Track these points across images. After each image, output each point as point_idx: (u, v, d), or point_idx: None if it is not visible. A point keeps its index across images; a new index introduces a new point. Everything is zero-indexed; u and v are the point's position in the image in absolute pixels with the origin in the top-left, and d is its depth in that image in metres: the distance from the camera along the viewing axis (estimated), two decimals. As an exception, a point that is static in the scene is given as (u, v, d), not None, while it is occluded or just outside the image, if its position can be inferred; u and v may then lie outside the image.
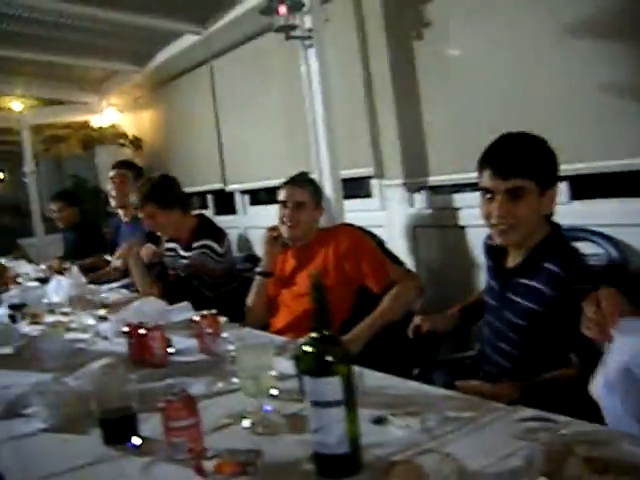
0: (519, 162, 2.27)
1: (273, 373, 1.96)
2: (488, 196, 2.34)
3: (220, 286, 4.07)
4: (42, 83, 8.46)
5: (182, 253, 4.23)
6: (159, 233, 4.43)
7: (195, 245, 4.06)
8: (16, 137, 9.18)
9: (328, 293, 1.53)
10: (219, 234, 4.21)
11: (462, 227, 4.07)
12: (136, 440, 1.83)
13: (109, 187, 5.45)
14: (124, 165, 5.67)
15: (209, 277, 4.00)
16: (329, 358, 1.48)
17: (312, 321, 1.54)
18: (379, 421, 1.80)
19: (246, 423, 1.87)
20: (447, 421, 1.76)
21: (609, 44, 3.13)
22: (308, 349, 1.52)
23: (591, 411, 1.70)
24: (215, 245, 4.06)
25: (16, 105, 8.93)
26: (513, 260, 2.44)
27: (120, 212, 5.64)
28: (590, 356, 1.84)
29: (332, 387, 1.46)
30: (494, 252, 2.55)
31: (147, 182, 4.35)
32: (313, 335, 1.53)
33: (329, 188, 4.31)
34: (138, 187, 4.34)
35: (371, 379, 2.10)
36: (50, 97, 8.94)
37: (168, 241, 4.41)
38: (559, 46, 3.32)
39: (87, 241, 6.39)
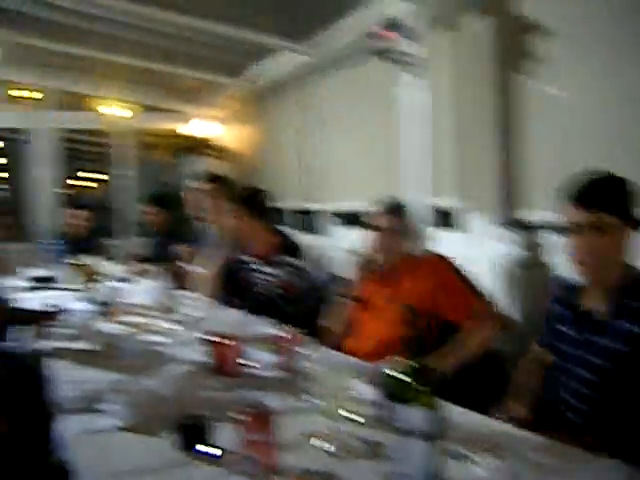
0: (603, 196, 2.27)
1: (352, 396, 1.93)
2: (573, 232, 2.30)
3: (299, 303, 4.04)
4: (140, 89, 8.66)
5: (263, 269, 4.21)
6: (236, 239, 4.38)
7: (277, 260, 4.04)
8: (111, 140, 9.40)
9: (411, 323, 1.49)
10: (299, 251, 4.19)
11: (551, 268, 3.96)
12: (208, 449, 1.82)
13: (196, 198, 5.46)
14: (208, 177, 5.67)
15: (291, 294, 3.98)
16: (419, 387, 1.44)
17: (404, 348, 1.50)
18: (459, 457, 1.74)
19: (321, 444, 1.83)
20: (532, 467, 1.70)
21: None
22: (398, 376, 1.48)
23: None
24: (297, 262, 4.05)
25: (114, 110, 9.17)
26: (593, 300, 2.38)
27: (200, 223, 5.67)
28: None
29: (419, 417, 1.42)
30: (568, 296, 2.49)
31: (240, 189, 4.35)
32: (404, 362, 1.49)
33: (417, 217, 4.26)
34: (230, 192, 4.33)
35: (453, 414, 2.04)
36: (147, 104, 9.13)
37: (242, 254, 4.40)
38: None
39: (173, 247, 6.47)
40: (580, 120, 3.72)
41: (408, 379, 1.47)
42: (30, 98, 9.03)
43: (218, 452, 1.80)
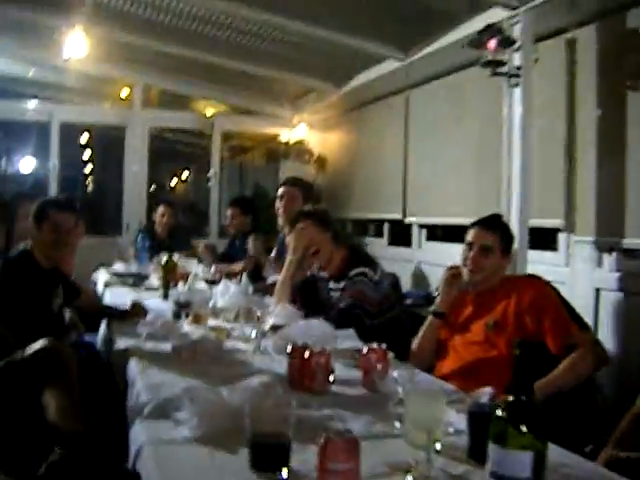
0: None
1: (443, 426, 1.78)
2: None
3: (378, 315, 3.91)
4: (236, 91, 8.69)
5: (331, 285, 4.10)
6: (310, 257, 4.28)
7: (350, 275, 3.92)
8: (205, 141, 9.45)
9: (499, 347, 1.34)
10: (372, 262, 4.07)
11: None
12: (286, 472, 1.70)
13: (277, 204, 5.38)
14: (294, 182, 5.58)
15: (370, 306, 3.85)
16: (524, 429, 1.29)
17: (509, 382, 1.35)
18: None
19: (409, 478, 1.69)
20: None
21: None
22: (500, 413, 1.33)
23: None
24: (370, 272, 3.92)
25: (209, 110, 9.22)
26: None
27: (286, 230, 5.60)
28: None
29: (521, 462, 1.27)
30: None
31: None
32: (509, 399, 1.34)
33: (518, 236, 4.07)
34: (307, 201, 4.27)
35: (553, 455, 1.88)
36: (242, 106, 9.16)
37: (317, 270, 4.29)
38: None
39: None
40: None
41: (507, 417, 1.32)
42: (126, 96, 9.16)
43: (293, 476, 1.68)
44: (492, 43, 4.12)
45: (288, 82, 8.00)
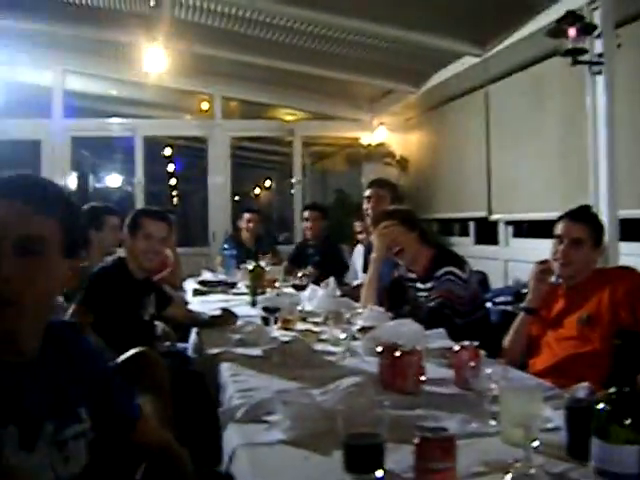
0: None
1: (540, 423, 1.74)
2: None
3: (467, 314, 3.86)
4: (314, 97, 8.74)
5: (419, 285, 4.06)
6: (394, 256, 4.26)
7: (437, 274, 3.87)
8: (286, 149, 9.52)
9: (593, 342, 1.30)
10: (460, 260, 4.01)
11: None
12: (381, 473, 1.68)
13: (365, 206, 5.36)
14: (382, 184, 5.56)
15: (459, 304, 3.80)
16: (628, 422, 1.24)
17: (611, 374, 1.30)
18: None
19: (508, 477, 1.65)
20: None
21: None
22: (603, 406, 1.29)
23: None
24: (458, 271, 3.86)
25: (289, 118, 9.29)
26: None
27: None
28: None
29: (628, 457, 1.23)
30: None
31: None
32: (611, 391, 1.29)
33: (607, 228, 3.96)
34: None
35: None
36: (321, 112, 9.19)
37: (405, 271, 4.26)
38: None
39: (325, 257, 6.48)
40: None
41: (611, 409, 1.28)
42: (207, 108, 9.29)
43: (382, 475, 1.66)
44: (572, 31, 4.04)
45: (365, 85, 8.00)
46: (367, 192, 5.37)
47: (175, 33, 6.38)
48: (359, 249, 6.06)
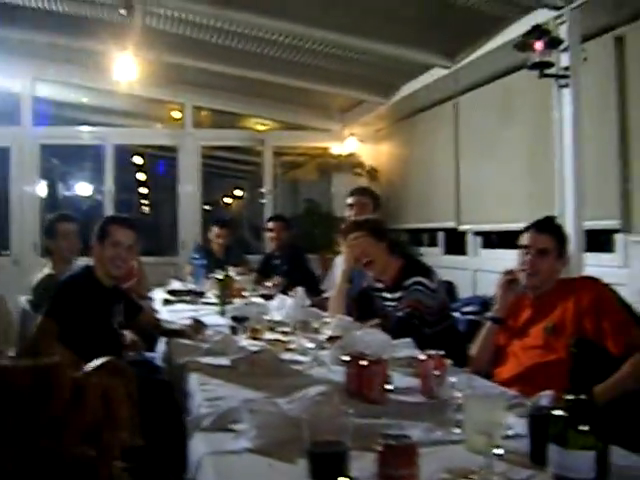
0: None
1: (503, 430, 1.76)
2: None
3: (436, 324, 3.89)
4: (285, 107, 8.76)
5: (387, 295, 4.09)
6: (363, 267, 4.27)
7: (406, 284, 3.90)
8: (257, 158, 9.53)
9: (559, 350, 1.32)
10: (428, 270, 4.04)
11: None
12: (343, 480, 1.69)
13: (347, 213, 5.38)
14: (364, 192, 5.59)
15: (428, 314, 3.83)
16: (583, 428, 1.27)
17: (567, 382, 1.33)
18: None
19: (467, 484, 1.67)
20: None
21: None
22: (558, 413, 1.31)
23: None
24: (427, 281, 3.90)
25: (260, 127, 9.30)
26: None
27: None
28: None
29: (584, 462, 1.25)
30: None
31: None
32: (567, 397, 1.32)
33: (573, 239, 4.02)
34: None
35: (615, 457, 1.84)
36: (291, 121, 9.21)
37: (373, 281, 4.28)
38: None
39: (292, 267, 6.49)
40: None
41: (567, 416, 1.30)
42: (178, 117, 9.28)
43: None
44: (539, 45, 4.10)
45: (336, 95, 8.03)
46: (349, 200, 5.38)
47: (146, 42, 6.37)
48: (340, 259, 6.08)
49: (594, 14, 4.27)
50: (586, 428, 1.27)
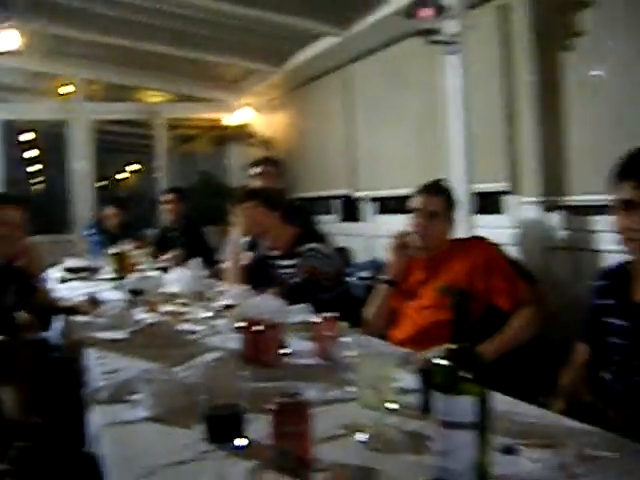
0: None
1: (394, 385, 1.81)
2: (623, 209, 2.16)
3: (332, 289, 3.95)
4: (178, 79, 8.62)
5: (283, 263, 4.13)
6: (255, 235, 4.31)
7: (299, 250, 3.95)
8: (149, 131, 9.38)
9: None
10: (323, 237, 4.11)
11: (599, 251, 3.81)
12: (241, 441, 1.72)
13: (254, 184, 5.34)
14: (267, 161, 5.58)
15: (324, 280, 3.89)
16: (465, 374, 1.32)
17: (448, 333, 1.37)
18: (509, 451, 1.62)
19: (361, 437, 1.72)
20: (586, 459, 1.57)
21: None
22: (442, 362, 1.36)
23: None
24: (321, 247, 3.96)
25: (153, 100, 9.15)
26: None
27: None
28: None
29: (465, 407, 1.30)
30: (614, 284, 2.35)
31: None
32: (449, 347, 1.36)
33: (462, 201, 4.12)
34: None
35: (499, 403, 1.92)
36: (185, 93, 9.09)
37: (267, 250, 4.32)
38: None
39: (189, 239, 6.46)
40: (625, 97, 3.57)
41: (449, 365, 1.35)
42: (67, 91, 9.02)
43: (249, 445, 1.70)
44: (425, 12, 4.14)
45: (229, 66, 7.95)
46: (254, 170, 5.35)
47: (31, 12, 6.16)
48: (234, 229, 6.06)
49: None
50: (468, 375, 1.32)
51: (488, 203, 4.76)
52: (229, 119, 8.88)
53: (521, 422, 1.85)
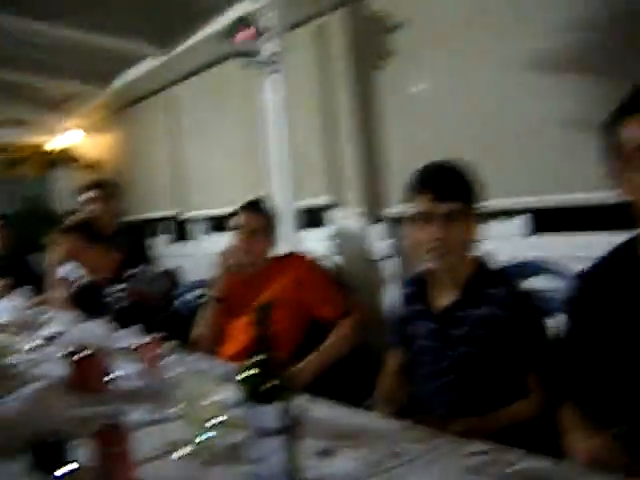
0: (455, 186, 2.30)
1: (215, 400, 1.88)
2: (422, 221, 2.31)
3: (161, 310, 3.99)
4: (1, 103, 8.32)
5: (110, 288, 4.13)
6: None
7: (125, 275, 3.98)
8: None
9: (277, 323, 1.45)
10: (148, 259, 4.16)
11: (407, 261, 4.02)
12: (66, 467, 1.73)
13: (88, 208, 5.17)
14: (96, 186, 5.39)
15: (152, 301, 3.92)
16: (267, 384, 1.41)
17: (256, 347, 1.46)
18: (326, 453, 1.72)
19: (182, 452, 1.78)
20: (396, 455, 1.70)
21: (568, 80, 3.14)
22: (247, 374, 1.45)
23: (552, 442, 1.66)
24: (147, 269, 4.00)
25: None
26: (446, 297, 2.38)
27: None
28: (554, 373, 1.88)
29: (270, 414, 1.39)
30: (419, 290, 2.51)
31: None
32: (254, 359, 1.45)
33: (284, 217, 4.25)
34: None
35: (321, 409, 2.03)
36: (9, 117, 8.78)
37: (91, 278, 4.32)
38: (520, 81, 3.33)
39: (15, 268, 6.28)
40: (443, 114, 3.80)
41: (254, 374, 1.44)
42: None
43: (74, 469, 1.71)
44: (244, 34, 4.23)
45: (53, 87, 7.76)
46: (86, 195, 5.19)
47: None
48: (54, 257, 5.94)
49: (298, 4, 4.47)
50: (273, 383, 1.41)
51: (316, 218, 4.92)
52: (54, 142, 8.66)
53: (340, 425, 1.96)
